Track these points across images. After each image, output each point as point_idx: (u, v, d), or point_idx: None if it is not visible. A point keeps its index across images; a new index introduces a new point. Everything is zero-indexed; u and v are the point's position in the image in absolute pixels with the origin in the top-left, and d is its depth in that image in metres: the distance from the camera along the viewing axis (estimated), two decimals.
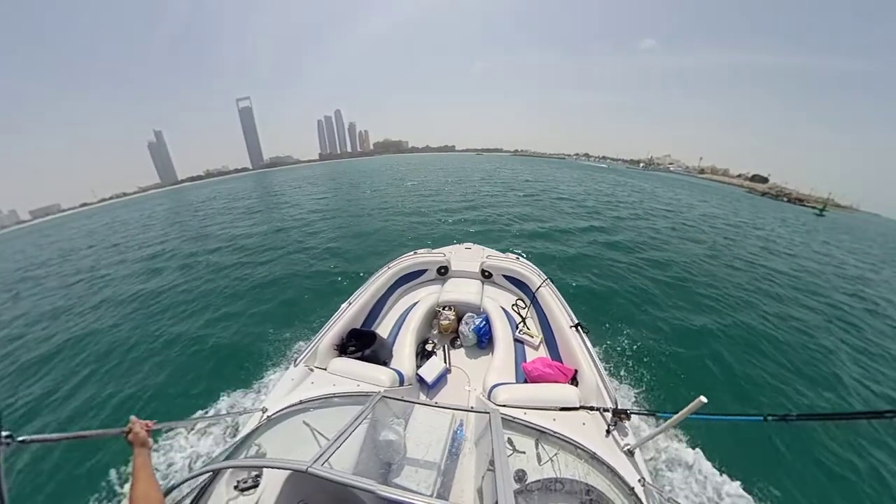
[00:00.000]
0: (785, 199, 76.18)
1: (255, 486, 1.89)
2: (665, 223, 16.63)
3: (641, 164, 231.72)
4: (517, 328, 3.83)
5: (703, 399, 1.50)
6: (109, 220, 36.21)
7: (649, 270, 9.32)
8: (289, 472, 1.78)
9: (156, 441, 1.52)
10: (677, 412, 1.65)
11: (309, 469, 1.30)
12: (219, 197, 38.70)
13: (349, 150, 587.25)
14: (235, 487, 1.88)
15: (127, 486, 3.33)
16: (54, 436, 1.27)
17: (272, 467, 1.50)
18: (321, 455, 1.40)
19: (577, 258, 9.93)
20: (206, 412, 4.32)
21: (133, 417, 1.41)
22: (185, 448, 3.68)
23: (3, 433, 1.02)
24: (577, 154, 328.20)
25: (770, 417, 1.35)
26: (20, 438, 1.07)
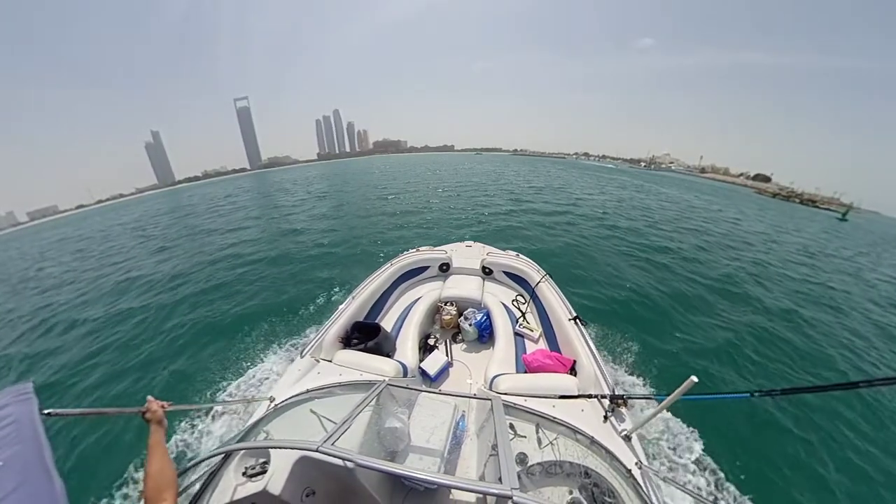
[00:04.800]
0: (797, 200, 73.21)
1: (263, 472, 1.93)
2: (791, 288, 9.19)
3: (643, 164, 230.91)
4: (517, 322, 3.89)
5: (695, 379, 1.53)
6: (71, 232, 31.74)
7: None
8: (295, 459, 1.82)
9: (170, 423, 1.57)
10: (670, 395, 1.70)
11: (319, 448, 1.35)
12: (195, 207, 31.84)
13: (347, 149, 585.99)
14: (244, 474, 1.91)
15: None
16: (77, 410, 1.33)
17: (284, 448, 1.55)
18: (330, 436, 1.46)
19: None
20: (217, 399, 4.46)
21: (150, 397, 1.46)
22: (196, 431, 3.84)
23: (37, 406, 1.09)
24: (576, 153, 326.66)
25: (756, 394, 1.39)
26: (46, 411, 1.15)
